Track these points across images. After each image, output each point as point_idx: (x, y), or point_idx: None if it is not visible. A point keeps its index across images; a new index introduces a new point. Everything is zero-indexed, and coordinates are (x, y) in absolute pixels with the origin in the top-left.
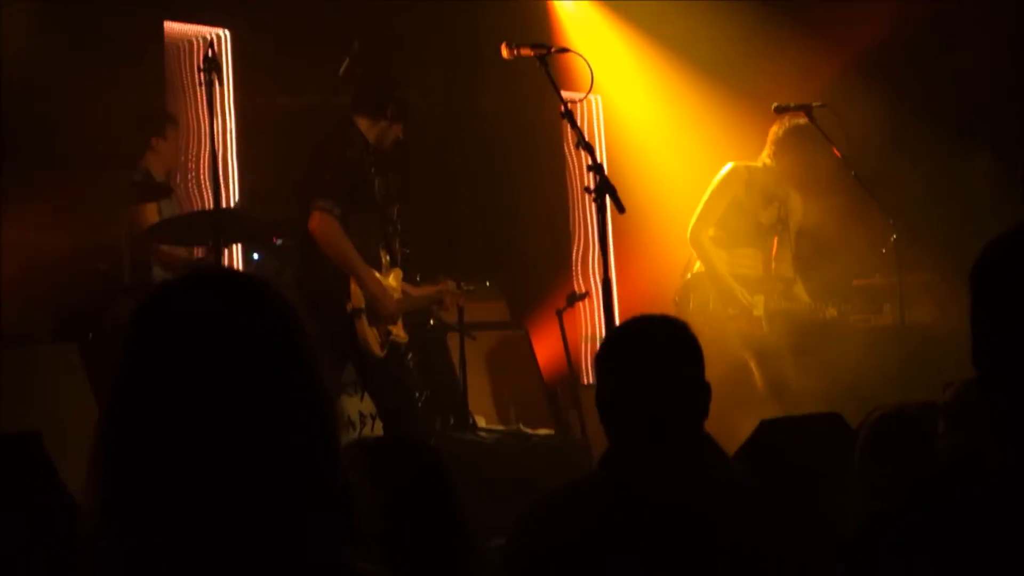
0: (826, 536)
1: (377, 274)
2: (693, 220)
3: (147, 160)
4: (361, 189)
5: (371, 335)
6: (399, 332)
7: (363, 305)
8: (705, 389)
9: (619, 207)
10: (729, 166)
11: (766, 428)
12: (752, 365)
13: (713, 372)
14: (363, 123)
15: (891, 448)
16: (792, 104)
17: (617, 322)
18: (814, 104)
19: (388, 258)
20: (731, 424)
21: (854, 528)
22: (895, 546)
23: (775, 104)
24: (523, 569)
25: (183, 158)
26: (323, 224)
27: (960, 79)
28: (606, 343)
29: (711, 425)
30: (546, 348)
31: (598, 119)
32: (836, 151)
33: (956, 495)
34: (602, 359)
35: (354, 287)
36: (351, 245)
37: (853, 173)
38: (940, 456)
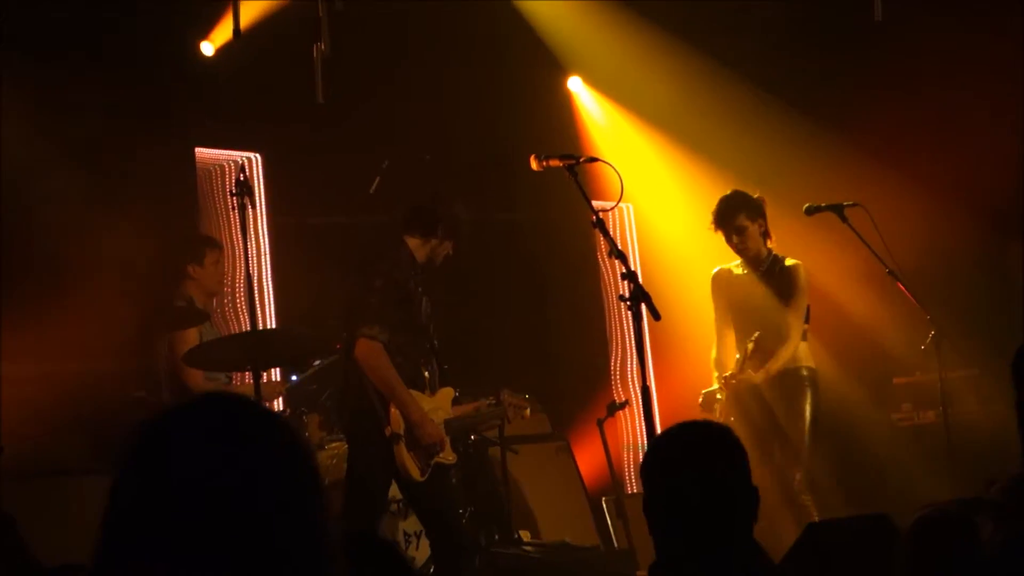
0: None
1: (423, 394)
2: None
3: (187, 286)
4: (407, 310)
5: (409, 460)
6: (446, 455)
7: (402, 431)
8: (752, 493)
9: (655, 314)
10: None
11: (813, 531)
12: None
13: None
14: (413, 243)
15: (935, 550)
16: (823, 204)
17: (658, 430)
18: (846, 203)
19: (428, 376)
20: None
21: None
22: None
23: (806, 205)
24: None
25: (226, 282)
26: (368, 351)
27: (986, 169)
28: (650, 452)
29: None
30: (588, 459)
31: (630, 226)
32: (870, 249)
33: None
34: (647, 468)
35: (393, 412)
36: (395, 372)
37: (888, 271)
38: (989, 554)
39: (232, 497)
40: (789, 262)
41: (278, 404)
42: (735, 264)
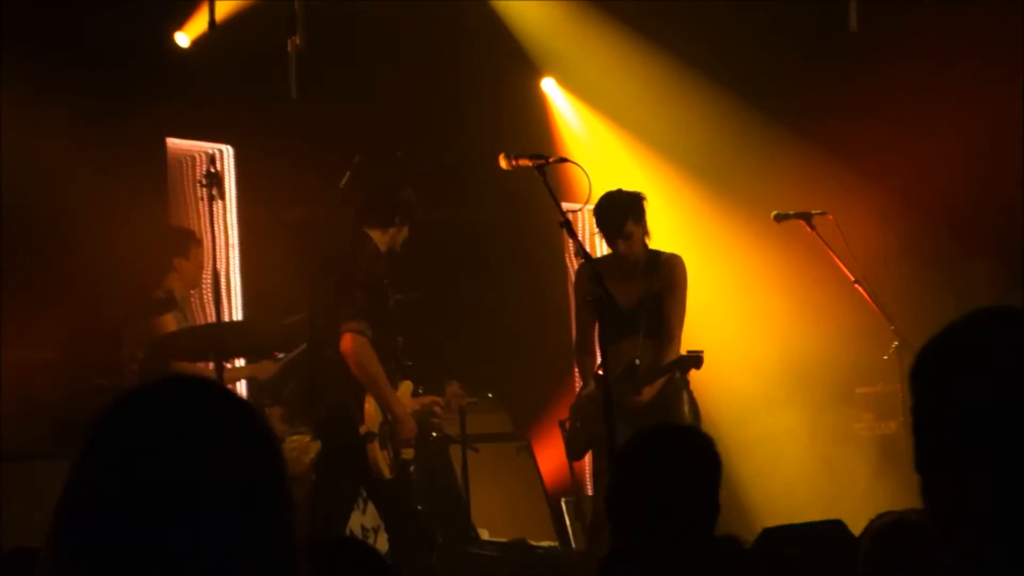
0: None
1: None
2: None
3: (170, 278)
4: (382, 304)
5: (382, 458)
6: (407, 451)
7: (376, 429)
8: (714, 508)
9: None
10: None
11: (768, 536)
12: None
13: None
14: (375, 234)
15: (893, 557)
16: (792, 212)
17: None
18: (814, 212)
19: (395, 370)
20: None
21: None
22: None
23: (775, 212)
24: None
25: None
26: (357, 346)
27: (958, 182)
28: (633, 447)
29: None
30: (549, 459)
31: None
32: (836, 259)
33: None
34: (625, 461)
35: (368, 409)
36: (382, 369)
37: (854, 280)
38: (946, 563)
39: (190, 482)
40: (666, 254)
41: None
42: (605, 259)
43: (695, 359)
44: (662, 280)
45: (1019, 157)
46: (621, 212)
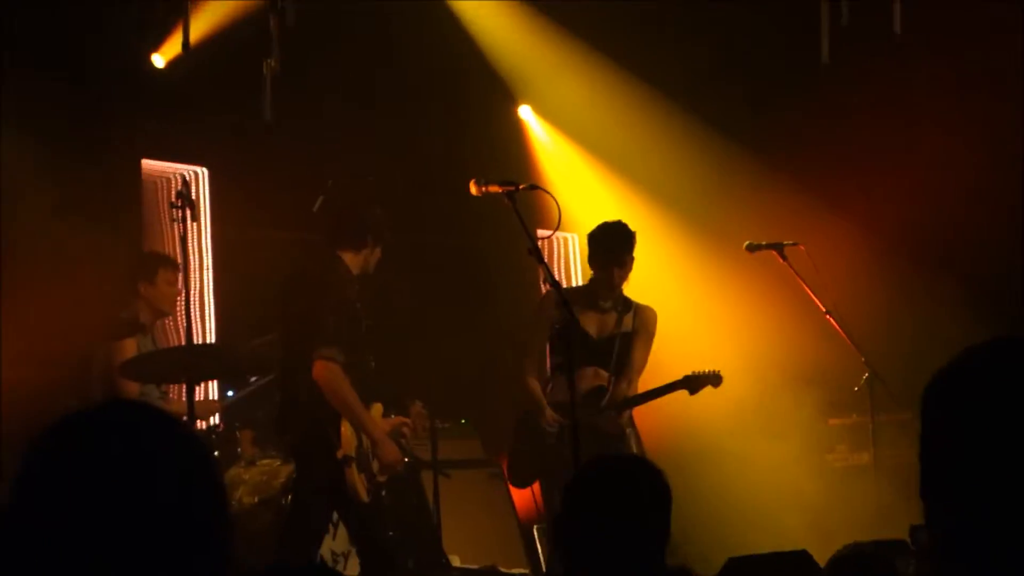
0: None
1: None
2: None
3: (136, 303)
4: (355, 328)
5: (359, 482)
6: (381, 474)
7: (353, 452)
8: (665, 537)
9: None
10: None
11: (733, 565)
12: None
13: None
14: (348, 256)
15: None
16: (764, 242)
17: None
18: (786, 242)
19: (368, 393)
20: None
21: None
22: None
23: (747, 243)
24: None
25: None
26: (328, 373)
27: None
28: (581, 479)
29: None
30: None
31: (574, 256)
32: (808, 289)
33: None
34: (574, 494)
35: (344, 433)
36: (355, 394)
37: (825, 311)
38: None
39: (124, 502)
40: (643, 304)
41: (214, 420)
42: (576, 290)
43: (712, 378)
44: (636, 324)
45: (986, 189)
46: (626, 241)
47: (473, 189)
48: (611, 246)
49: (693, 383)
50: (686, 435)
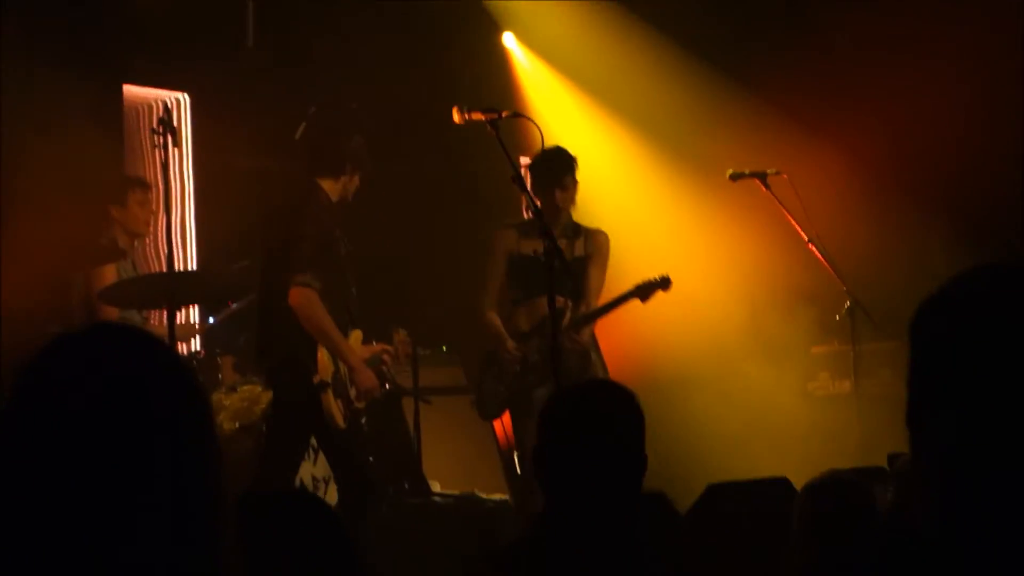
0: None
1: None
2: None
3: (111, 226)
4: (333, 253)
5: (335, 407)
6: (359, 400)
7: (329, 378)
8: (642, 462)
9: (568, 272)
10: None
11: (713, 492)
12: None
13: None
14: (327, 184)
15: (827, 512)
16: (747, 171)
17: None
18: (769, 171)
19: (347, 320)
20: None
21: None
22: None
23: (730, 171)
24: None
25: (154, 222)
26: (304, 299)
27: (920, 146)
28: (554, 406)
29: None
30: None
31: None
32: (791, 218)
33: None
34: (549, 423)
35: (321, 359)
36: (331, 320)
37: (808, 240)
38: (886, 520)
39: (113, 429)
40: (592, 228)
41: (195, 345)
42: (520, 223)
43: (661, 283)
44: (588, 248)
45: (978, 118)
46: (564, 163)
47: (456, 116)
48: (550, 168)
49: (643, 291)
50: (667, 361)
